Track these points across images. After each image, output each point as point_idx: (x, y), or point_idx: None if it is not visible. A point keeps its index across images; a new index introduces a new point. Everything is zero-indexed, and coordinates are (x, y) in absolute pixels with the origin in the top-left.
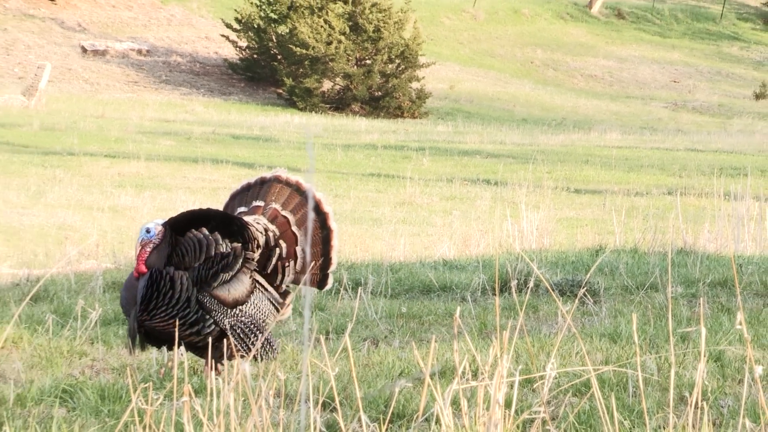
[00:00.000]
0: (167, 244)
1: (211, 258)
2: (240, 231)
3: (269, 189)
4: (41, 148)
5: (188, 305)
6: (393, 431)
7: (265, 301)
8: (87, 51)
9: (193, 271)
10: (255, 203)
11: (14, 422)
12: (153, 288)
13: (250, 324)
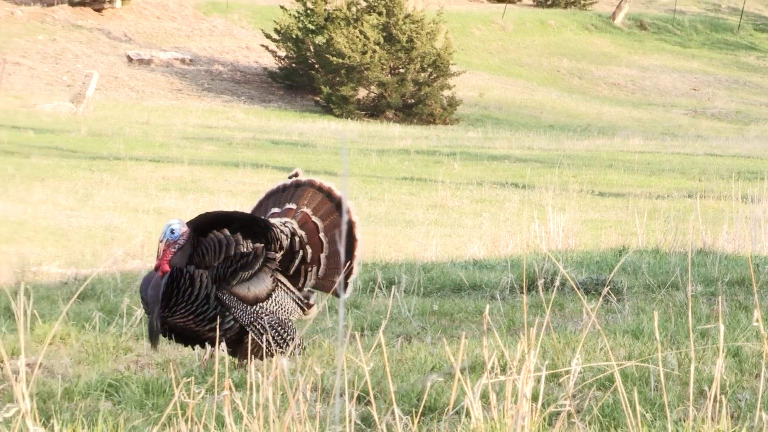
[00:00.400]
0: (190, 244)
1: (230, 257)
2: (263, 232)
3: (302, 193)
4: (89, 152)
5: (207, 302)
6: (425, 424)
7: (288, 300)
8: (133, 60)
9: (213, 269)
10: (288, 205)
11: (62, 415)
12: (173, 285)
13: (271, 320)
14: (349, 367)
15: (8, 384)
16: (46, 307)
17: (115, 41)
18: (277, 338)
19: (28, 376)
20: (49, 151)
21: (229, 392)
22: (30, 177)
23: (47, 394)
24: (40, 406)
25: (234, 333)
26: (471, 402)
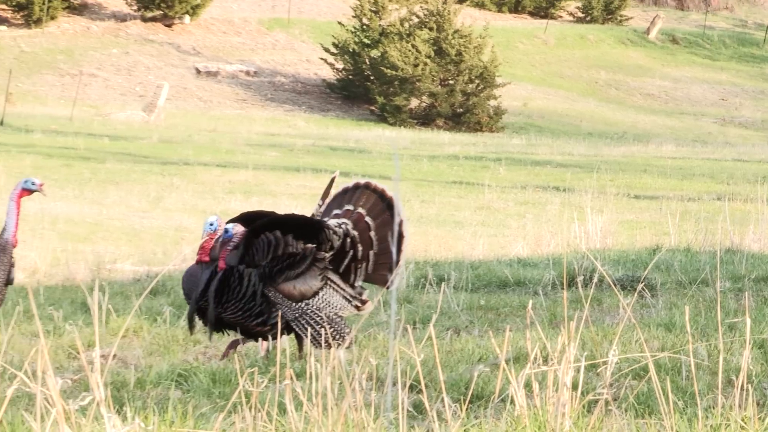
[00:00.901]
0: (242, 244)
1: (278, 257)
2: (315, 233)
3: (360, 195)
4: (160, 158)
5: (254, 299)
6: (472, 411)
7: (336, 297)
8: (201, 72)
9: (261, 268)
10: (346, 207)
11: (134, 403)
12: (225, 283)
13: (317, 316)
14: (402, 358)
15: (84, 374)
16: (119, 303)
17: (184, 54)
18: (323, 332)
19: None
20: (123, 157)
21: (290, 381)
22: (105, 181)
23: (121, 383)
24: (114, 395)
25: (283, 327)
26: (515, 390)
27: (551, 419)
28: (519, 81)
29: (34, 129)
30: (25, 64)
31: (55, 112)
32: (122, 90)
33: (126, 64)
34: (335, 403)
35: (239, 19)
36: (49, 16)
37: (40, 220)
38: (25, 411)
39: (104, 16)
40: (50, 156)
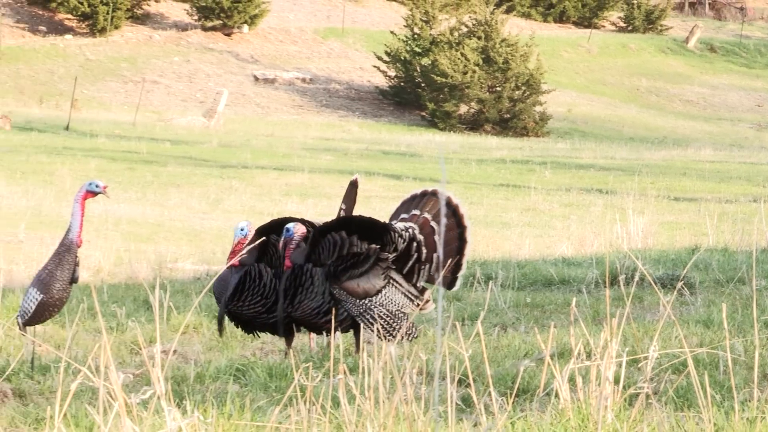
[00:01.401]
0: (308, 243)
1: (342, 256)
2: (380, 235)
3: (427, 201)
4: (219, 162)
5: (322, 296)
6: (518, 404)
7: (398, 295)
8: (258, 79)
9: (326, 267)
10: (413, 211)
11: (194, 397)
12: (295, 282)
13: (380, 312)
14: (451, 353)
15: (145, 369)
16: (180, 300)
17: (242, 62)
18: (387, 327)
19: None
20: (184, 161)
21: (343, 376)
22: (167, 183)
23: (181, 377)
24: (174, 389)
25: (348, 323)
26: (560, 385)
27: (594, 412)
28: (563, 88)
29: (99, 134)
30: (90, 71)
31: (119, 117)
32: (183, 96)
33: (187, 71)
34: (387, 396)
35: (296, 28)
36: (113, 26)
37: (104, 221)
38: (89, 404)
39: (166, 26)
40: (114, 159)
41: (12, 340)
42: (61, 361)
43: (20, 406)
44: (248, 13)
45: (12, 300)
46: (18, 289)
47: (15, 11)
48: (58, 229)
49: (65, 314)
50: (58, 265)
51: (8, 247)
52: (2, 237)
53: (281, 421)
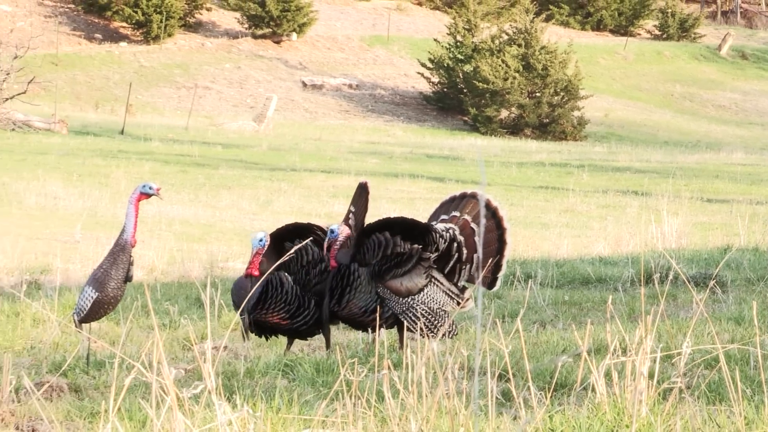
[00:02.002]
0: (353, 244)
1: (387, 256)
2: (422, 236)
3: (466, 203)
4: (269, 165)
5: (369, 296)
6: (556, 398)
7: (439, 293)
8: (307, 85)
9: (371, 266)
10: (453, 213)
11: (243, 391)
12: (343, 281)
13: (422, 310)
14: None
15: (197, 364)
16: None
17: (291, 69)
18: (429, 325)
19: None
20: (235, 164)
21: (387, 371)
22: (218, 185)
23: (231, 373)
24: (224, 383)
25: (392, 321)
26: (596, 379)
27: (629, 406)
28: (601, 93)
29: (153, 138)
30: (144, 77)
31: (172, 122)
32: (234, 102)
33: (238, 77)
34: (429, 391)
35: (342, 36)
36: (166, 34)
37: (157, 221)
38: (142, 399)
39: (218, 34)
40: (167, 162)
41: (68, 336)
42: (116, 357)
43: (76, 400)
44: (297, 22)
45: (68, 298)
46: (74, 287)
47: (72, 20)
48: (113, 230)
49: (120, 312)
50: (112, 264)
51: (65, 247)
52: (59, 237)
53: (327, 415)
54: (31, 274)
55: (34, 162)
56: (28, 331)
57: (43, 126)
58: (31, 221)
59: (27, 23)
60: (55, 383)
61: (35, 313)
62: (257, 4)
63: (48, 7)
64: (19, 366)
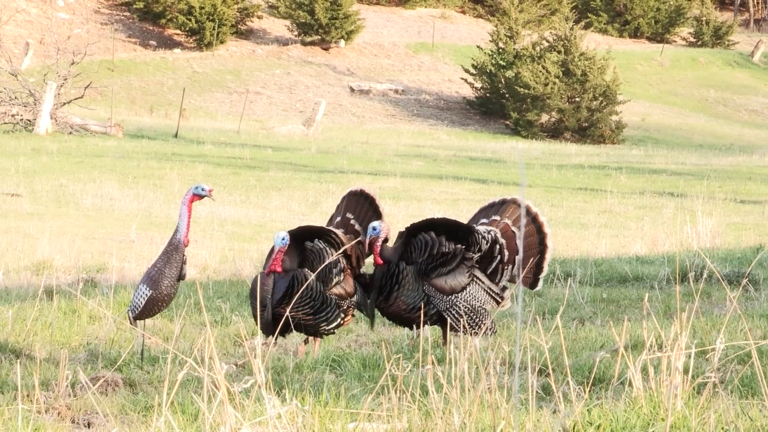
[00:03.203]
0: (401, 243)
1: (432, 255)
2: (465, 236)
3: (506, 208)
4: (317, 167)
5: (416, 293)
6: (594, 393)
7: (481, 292)
8: (354, 90)
9: (417, 264)
10: (494, 217)
11: (292, 386)
12: (392, 279)
13: (465, 308)
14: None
15: (248, 360)
16: None
17: (339, 74)
18: (470, 322)
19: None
20: (285, 166)
21: (431, 366)
22: (268, 187)
23: (280, 368)
24: (274, 378)
25: (436, 318)
26: (633, 374)
27: (665, 400)
28: (638, 99)
29: (205, 141)
30: (197, 83)
31: (224, 126)
32: (284, 106)
33: (287, 83)
34: (472, 385)
35: (389, 43)
36: (218, 40)
37: (210, 222)
38: (194, 393)
39: (268, 41)
40: (219, 165)
41: (123, 333)
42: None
43: (130, 394)
44: (345, 29)
45: (123, 296)
46: (129, 285)
47: (127, 27)
48: (167, 230)
49: (173, 309)
50: (166, 263)
51: (120, 246)
52: (115, 237)
53: (373, 409)
54: (88, 272)
55: (91, 164)
56: (85, 327)
57: (99, 129)
58: (87, 222)
59: (84, 30)
60: (111, 378)
61: (92, 310)
62: (307, 12)
63: (104, 15)
64: (76, 361)
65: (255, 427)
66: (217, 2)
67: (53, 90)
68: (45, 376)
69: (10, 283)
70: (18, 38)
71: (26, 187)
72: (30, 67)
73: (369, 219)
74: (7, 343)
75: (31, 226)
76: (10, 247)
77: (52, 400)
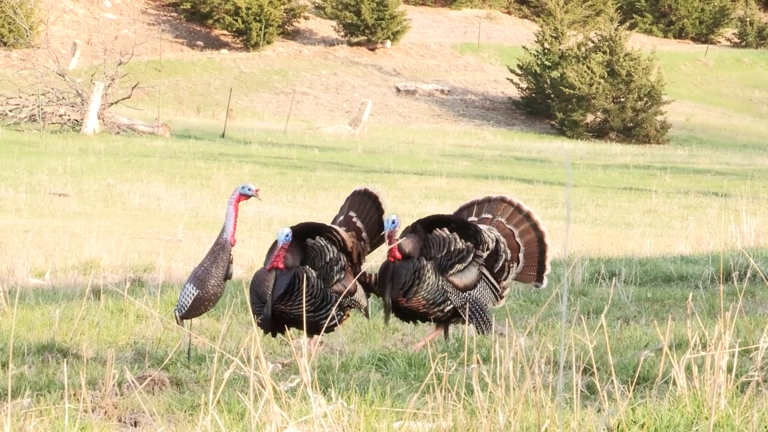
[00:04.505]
0: (421, 238)
1: (450, 252)
2: (474, 234)
3: (497, 206)
4: (364, 167)
5: (437, 289)
6: (639, 391)
7: (488, 290)
8: (400, 91)
9: (436, 261)
10: (484, 215)
11: (338, 385)
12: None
13: (475, 305)
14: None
15: (294, 359)
16: None
17: (385, 75)
18: (481, 319)
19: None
20: (331, 166)
21: (476, 365)
22: (315, 187)
23: (326, 367)
24: (320, 377)
25: (452, 313)
26: (677, 373)
27: (708, 399)
28: (682, 99)
29: (252, 141)
30: (243, 83)
31: (271, 126)
32: (330, 107)
33: (334, 83)
34: (517, 384)
35: (435, 43)
36: (265, 41)
37: (257, 221)
38: (240, 392)
39: (314, 41)
40: (266, 165)
41: (170, 332)
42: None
43: (177, 393)
44: (391, 30)
45: (170, 295)
46: (176, 284)
47: (174, 27)
48: (213, 229)
49: (220, 308)
50: (213, 262)
51: (167, 246)
52: (162, 236)
53: (419, 407)
54: (135, 272)
55: (138, 164)
56: (132, 327)
57: (146, 130)
58: (135, 221)
59: (131, 31)
60: (157, 377)
61: (138, 309)
62: (353, 13)
63: (151, 16)
64: (122, 360)
65: (301, 425)
66: (263, 3)
67: (100, 90)
68: (92, 375)
69: (57, 282)
70: (65, 39)
71: (74, 187)
72: (77, 67)
73: (372, 216)
74: (54, 342)
75: (78, 226)
76: (58, 246)
77: (98, 399)
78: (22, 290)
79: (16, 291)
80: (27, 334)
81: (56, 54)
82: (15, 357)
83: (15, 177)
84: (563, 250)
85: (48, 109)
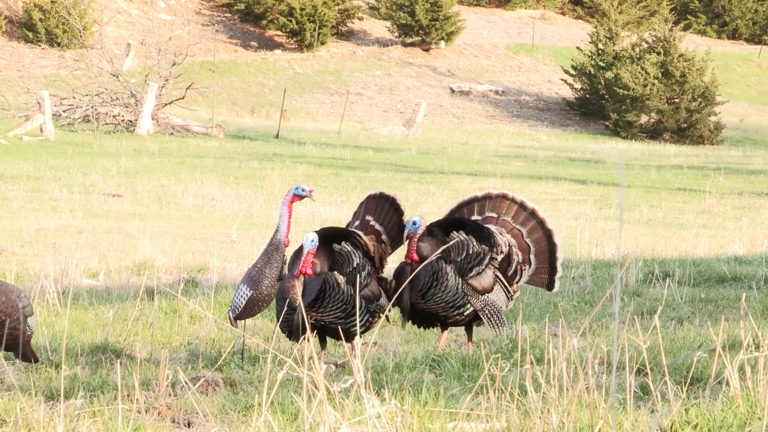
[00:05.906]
0: (439, 241)
1: (469, 255)
2: (488, 237)
3: (499, 204)
4: (418, 168)
5: (456, 291)
6: (692, 392)
7: (502, 293)
8: (454, 91)
9: (456, 264)
10: (488, 214)
11: (392, 386)
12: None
13: (492, 308)
14: (631, 345)
15: (347, 360)
16: None
17: (439, 76)
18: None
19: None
20: (385, 167)
21: (530, 366)
22: (369, 188)
23: (380, 368)
24: (373, 378)
25: (473, 316)
26: (730, 374)
27: (762, 399)
28: (736, 100)
29: (306, 141)
30: (298, 84)
31: (325, 126)
32: (384, 107)
33: (388, 84)
34: (570, 385)
35: (489, 44)
36: (319, 42)
37: (311, 222)
38: (294, 393)
39: (369, 42)
40: (320, 165)
41: (224, 332)
42: (269, 353)
43: (231, 394)
44: (445, 30)
45: (224, 295)
46: (230, 285)
47: (228, 28)
48: (267, 230)
49: (273, 309)
50: (266, 263)
51: (221, 247)
52: (216, 237)
53: (472, 408)
54: (189, 272)
55: (192, 165)
56: (185, 327)
57: (200, 130)
58: (189, 222)
59: (185, 31)
60: (211, 378)
61: (192, 310)
62: (407, 14)
63: (205, 16)
64: (176, 361)
65: (354, 426)
66: (318, 3)
67: (154, 91)
68: (145, 376)
69: (111, 283)
70: (119, 39)
71: (127, 188)
72: (131, 68)
73: (391, 218)
74: (107, 342)
75: (132, 227)
76: (112, 247)
77: (152, 399)
78: (75, 291)
79: (70, 291)
80: (80, 335)
81: (110, 54)
82: (68, 358)
83: (69, 177)
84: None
85: (102, 110)
